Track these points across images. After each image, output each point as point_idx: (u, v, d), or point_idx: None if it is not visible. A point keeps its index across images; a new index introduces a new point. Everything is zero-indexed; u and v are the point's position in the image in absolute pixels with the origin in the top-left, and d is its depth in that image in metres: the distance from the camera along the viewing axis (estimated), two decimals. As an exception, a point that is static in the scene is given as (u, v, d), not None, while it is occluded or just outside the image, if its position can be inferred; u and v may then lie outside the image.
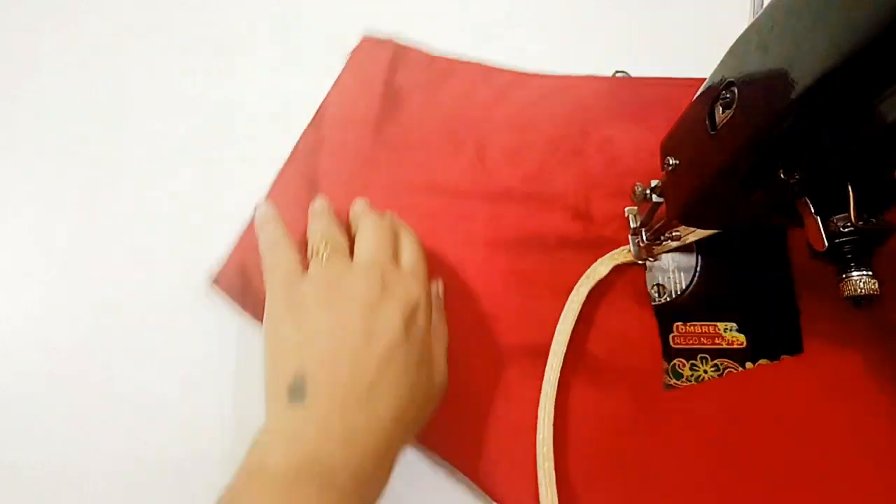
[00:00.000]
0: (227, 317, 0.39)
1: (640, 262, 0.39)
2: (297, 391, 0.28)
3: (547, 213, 0.41)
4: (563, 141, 0.43)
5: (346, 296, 0.30)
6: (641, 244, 0.39)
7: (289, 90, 0.46)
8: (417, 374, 0.30)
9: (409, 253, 0.34)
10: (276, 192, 0.43)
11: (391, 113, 0.45)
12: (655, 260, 0.39)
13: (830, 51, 0.21)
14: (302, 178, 0.43)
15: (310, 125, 0.45)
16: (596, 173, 0.42)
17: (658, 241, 0.38)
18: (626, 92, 0.44)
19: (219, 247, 0.41)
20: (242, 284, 0.40)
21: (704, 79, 0.30)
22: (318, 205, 0.37)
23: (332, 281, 0.31)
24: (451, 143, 0.44)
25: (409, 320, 0.30)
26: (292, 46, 0.47)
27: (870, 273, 0.27)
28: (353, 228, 0.36)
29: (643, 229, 0.38)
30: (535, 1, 0.49)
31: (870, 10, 0.20)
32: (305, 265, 0.33)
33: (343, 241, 0.34)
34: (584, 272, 0.39)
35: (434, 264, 0.40)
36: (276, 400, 0.29)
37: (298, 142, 0.44)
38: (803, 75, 0.22)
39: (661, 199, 0.35)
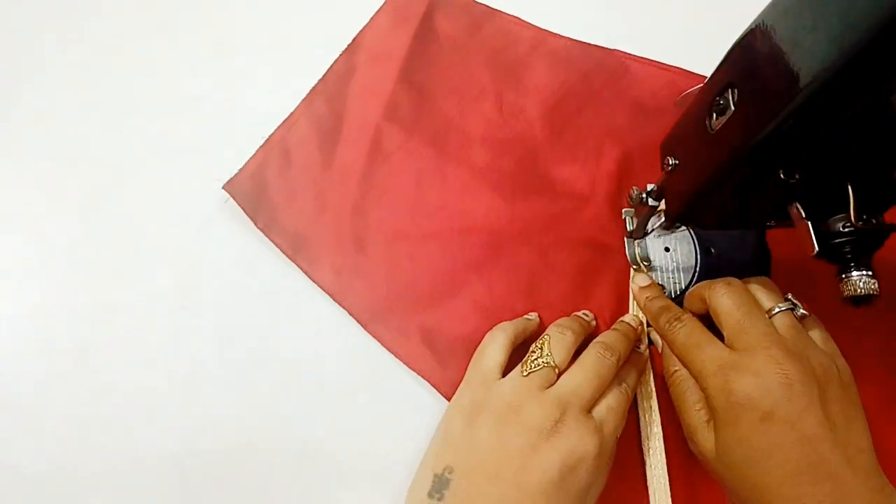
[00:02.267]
0: (228, 316, 0.39)
1: (634, 266, 0.39)
2: (440, 484, 0.30)
3: (556, 165, 0.43)
4: (582, 100, 0.45)
5: (521, 420, 0.31)
6: (638, 246, 0.39)
7: (290, 90, 0.45)
8: None
9: (608, 404, 0.32)
10: (301, 111, 0.44)
11: (420, 54, 0.46)
12: (650, 267, 0.39)
13: (830, 50, 0.22)
14: (328, 103, 0.44)
15: (345, 52, 0.46)
16: (612, 130, 0.44)
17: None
18: (643, 71, 0.46)
19: (220, 246, 0.41)
20: (255, 196, 0.42)
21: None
22: (582, 318, 0.36)
23: (518, 397, 0.31)
24: (472, 90, 0.45)
25: (568, 471, 0.29)
26: (294, 47, 0.47)
27: (870, 273, 0.27)
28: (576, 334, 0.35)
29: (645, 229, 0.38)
30: None
31: (869, 9, 0.20)
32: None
33: (561, 362, 0.33)
34: (586, 220, 0.41)
35: (441, 204, 0.42)
36: (421, 482, 0.31)
37: (332, 66, 0.45)
38: (803, 75, 0.23)
39: (656, 203, 0.35)
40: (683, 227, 0.38)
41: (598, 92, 0.45)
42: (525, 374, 0.32)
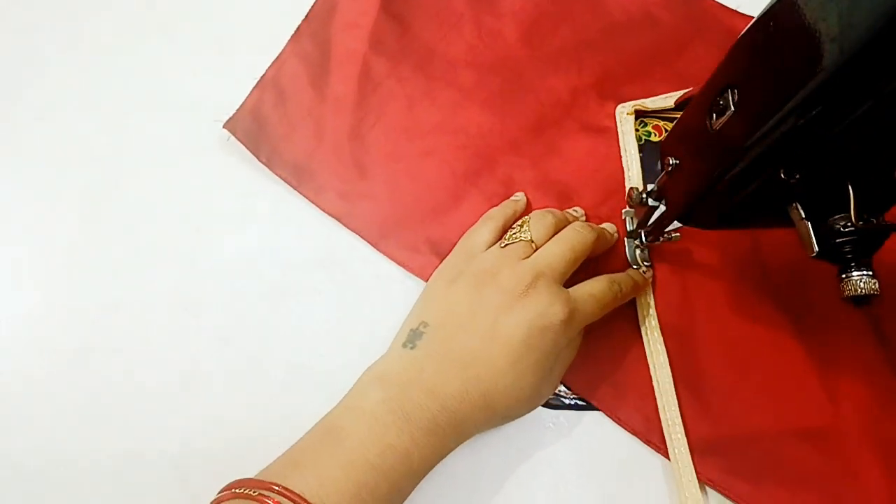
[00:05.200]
0: (228, 316, 0.39)
1: (634, 266, 0.39)
2: (415, 336, 0.33)
3: (539, 79, 0.45)
4: (557, 19, 0.47)
5: (497, 283, 0.33)
6: (639, 247, 0.39)
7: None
8: (522, 377, 0.31)
9: (589, 290, 0.34)
10: (289, 51, 0.46)
11: None
12: (650, 267, 0.39)
13: (831, 50, 0.22)
14: (314, 41, 0.46)
15: None
16: (588, 45, 0.46)
17: (658, 241, 0.38)
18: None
19: (219, 246, 0.41)
20: (255, 132, 0.43)
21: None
22: (571, 212, 0.38)
23: (495, 265, 0.34)
24: (451, 18, 0.47)
25: (536, 331, 0.31)
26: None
27: (870, 273, 0.27)
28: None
29: (641, 231, 0.38)
30: None
31: (870, 8, 0.20)
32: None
33: (538, 238, 0.35)
34: (573, 127, 0.43)
35: (434, 124, 0.44)
36: (398, 337, 0.34)
37: (313, 6, 0.47)
38: (803, 74, 0.23)
39: (656, 203, 0.35)
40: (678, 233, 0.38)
41: (571, 11, 0.47)
42: (503, 245, 0.35)
